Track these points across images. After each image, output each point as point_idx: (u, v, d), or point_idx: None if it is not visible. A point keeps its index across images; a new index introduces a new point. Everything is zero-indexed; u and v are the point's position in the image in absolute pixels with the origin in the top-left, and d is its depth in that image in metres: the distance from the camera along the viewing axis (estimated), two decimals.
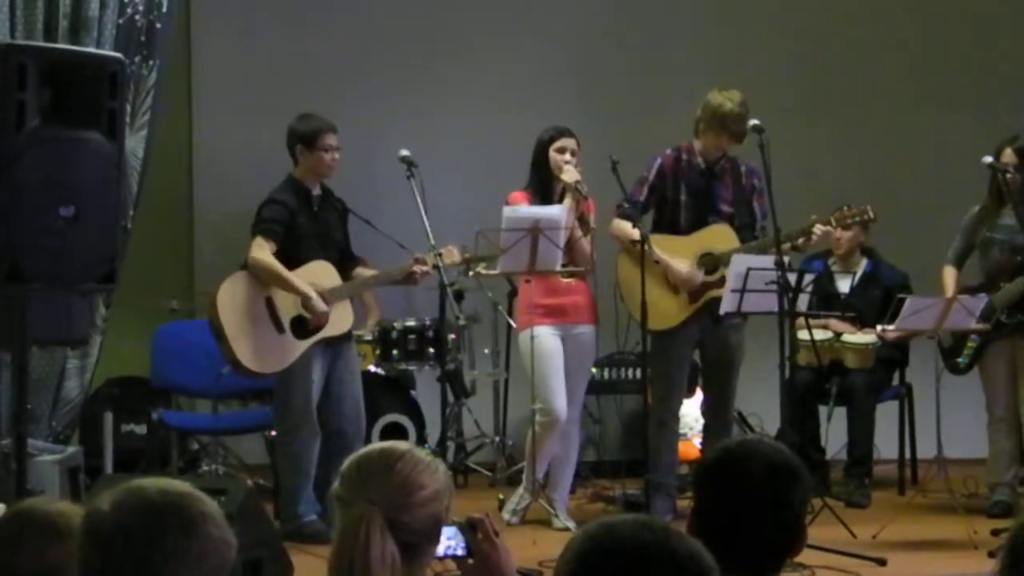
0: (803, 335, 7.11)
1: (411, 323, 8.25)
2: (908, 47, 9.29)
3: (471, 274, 6.98)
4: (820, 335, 7.57)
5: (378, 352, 8.26)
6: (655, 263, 6.83)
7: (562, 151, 6.85)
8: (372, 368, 8.22)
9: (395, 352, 8.22)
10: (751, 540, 2.63)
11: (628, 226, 6.85)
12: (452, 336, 8.12)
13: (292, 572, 5.46)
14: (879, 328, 7.06)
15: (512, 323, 7.50)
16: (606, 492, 7.65)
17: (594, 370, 7.51)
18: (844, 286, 7.92)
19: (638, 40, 9.23)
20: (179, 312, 8.15)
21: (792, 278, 6.46)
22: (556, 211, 6.70)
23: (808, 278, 6.60)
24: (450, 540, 2.73)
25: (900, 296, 6.69)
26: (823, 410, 7.75)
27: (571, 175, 6.76)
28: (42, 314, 5.06)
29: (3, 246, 4.77)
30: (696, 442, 7.75)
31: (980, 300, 6.68)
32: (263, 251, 6.64)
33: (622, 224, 6.91)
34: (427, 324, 8.21)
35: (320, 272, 6.74)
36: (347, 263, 6.92)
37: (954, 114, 9.07)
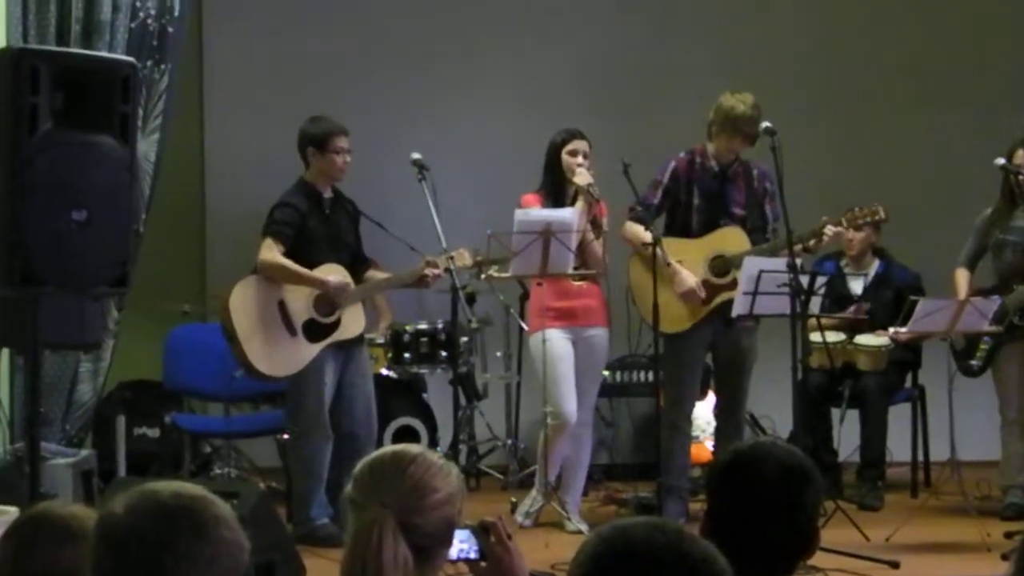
0: (815, 337, 7.10)
1: (423, 326, 8.25)
2: (919, 49, 9.26)
3: (483, 277, 6.98)
4: (832, 337, 7.56)
5: (390, 355, 8.27)
6: (667, 266, 6.83)
7: (574, 154, 6.85)
8: (384, 371, 8.22)
9: (407, 355, 8.23)
10: (764, 542, 2.63)
11: (640, 229, 6.85)
12: (464, 339, 8.13)
13: (304, 575, 5.46)
14: (891, 331, 7.04)
15: (524, 326, 7.49)
16: (618, 495, 7.66)
17: (606, 373, 7.50)
18: (857, 287, 7.90)
19: (651, 42, 9.23)
20: (191, 315, 8.17)
21: (804, 280, 6.45)
22: (568, 214, 6.69)
23: (820, 280, 6.59)
24: (463, 543, 2.72)
25: (913, 298, 6.67)
26: (835, 412, 7.75)
27: (583, 178, 6.75)
28: (55, 318, 5.06)
29: (16, 250, 4.78)
30: (708, 445, 7.74)
31: (993, 302, 6.66)
32: (272, 252, 6.63)
33: (634, 227, 6.91)
34: (439, 327, 8.21)
35: (332, 275, 6.73)
36: (359, 266, 6.91)
37: (967, 115, 9.04)
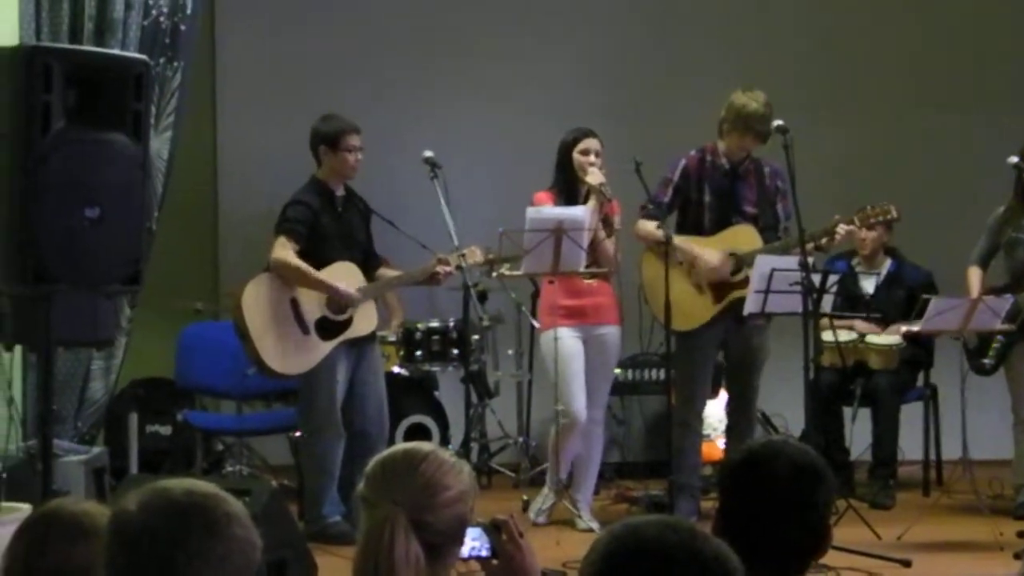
0: (827, 336, 7.08)
1: (435, 324, 8.26)
2: (933, 48, 9.25)
3: (495, 275, 6.98)
4: (844, 336, 7.55)
5: (402, 353, 8.27)
6: (679, 264, 6.83)
7: (586, 153, 6.84)
8: (396, 369, 8.23)
9: (419, 353, 8.24)
10: (776, 541, 2.63)
11: (653, 226, 6.84)
12: (476, 337, 8.14)
13: (316, 573, 5.46)
14: (903, 329, 7.03)
15: (535, 324, 7.49)
16: (630, 493, 7.66)
17: (618, 371, 7.50)
18: (869, 286, 7.89)
19: (662, 40, 9.22)
20: (204, 313, 8.18)
21: (816, 279, 6.44)
22: (580, 212, 6.69)
23: (832, 279, 6.57)
24: (475, 541, 2.72)
25: (925, 296, 6.66)
26: (847, 411, 7.74)
27: (596, 177, 6.75)
28: (67, 315, 5.06)
29: (29, 247, 4.79)
30: (720, 443, 7.73)
31: (1006, 301, 6.65)
32: (285, 250, 6.64)
33: (647, 224, 6.90)
34: (451, 325, 8.23)
35: (344, 273, 6.73)
36: (370, 264, 6.91)
37: (978, 114, 9.03)
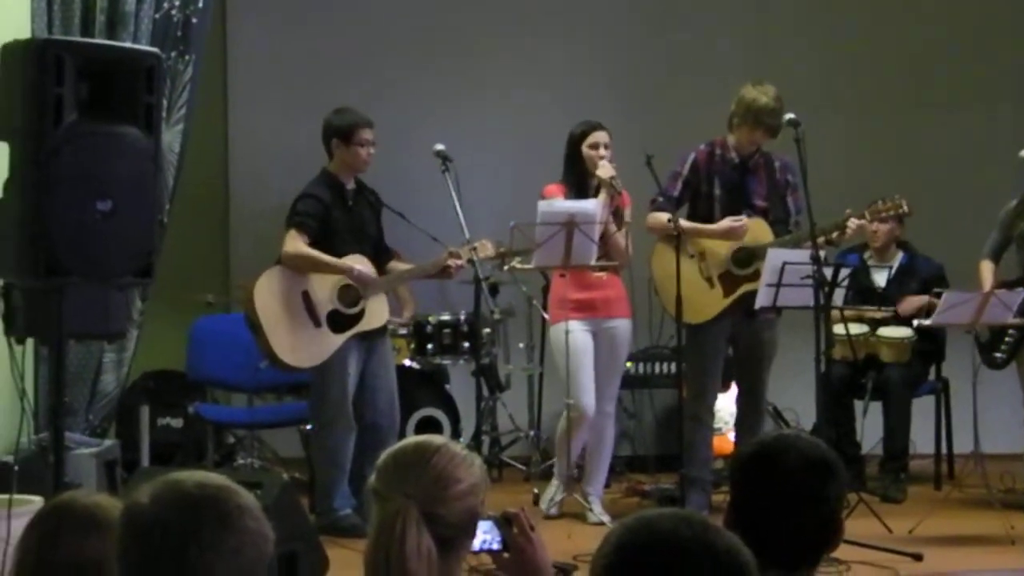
0: (839, 329, 7.07)
1: (446, 317, 8.26)
2: (945, 43, 9.22)
3: (506, 268, 6.98)
4: (856, 329, 7.54)
5: (413, 346, 8.28)
6: (691, 257, 6.82)
7: (595, 147, 6.84)
8: (407, 362, 8.23)
9: (430, 346, 8.24)
10: (788, 535, 2.63)
11: (664, 217, 6.83)
12: (487, 330, 8.13)
13: (328, 565, 5.47)
14: (915, 323, 7.02)
15: (546, 317, 7.49)
16: (641, 487, 7.66)
17: (628, 364, 7.49)
18: (880, 280, 7.88)
19: (672, 33, 9.20)
20: (215, 306, 8.19)
21: (828, 272, 6.43)
22: (591, 205, 6.69)
23: (844, 272, 6.57)
24: (486, 534, 2.73)
25: (937, 290, 6.66)
26: (859, 405, 7.72)
27: (606, 171, 6.74)
28: (79, 308, 5.05)
29: (41, 240, 4.78)
30: (730, 436, 7.72)
31: (1018, 294, 6.63)
32: (297, 243, 6.65)
33: (658, 216, 6.89)
34: (462, 318, 8.22)
35: (357, 264, 6.74)
36: (381, 257, 6.92)
37: (989, 108, 9.01)
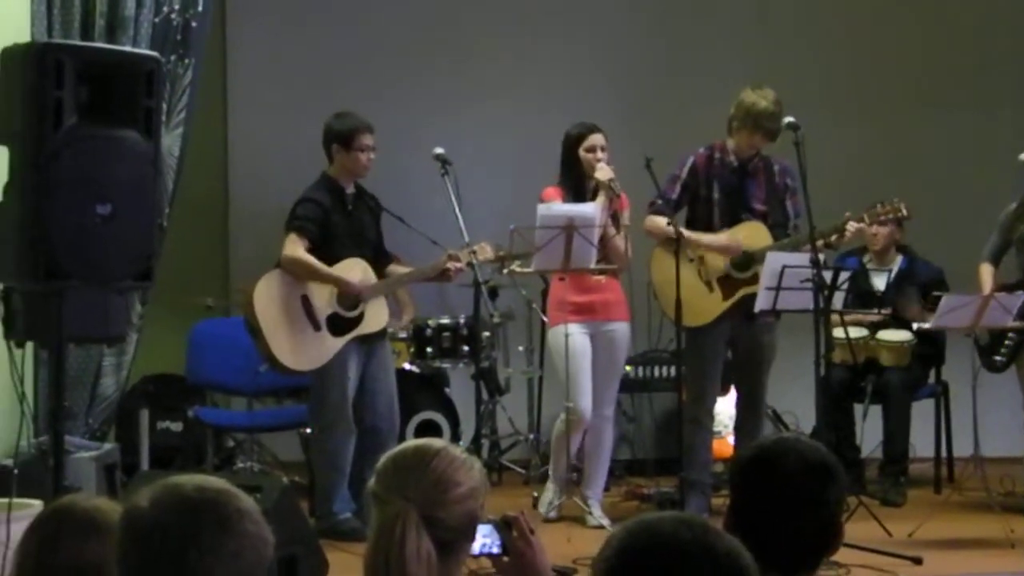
0: (838, 333, 7.07)
1: (445, 320, 8.26)
2: (943, 46, 9.23)
3: (505, 271, 6.98)
4: (855, 333, 7.53)
5: (412, 350, 8.27)
6: (690, 261, 6.82)
7: (592, 149, 6.84)
8: (406, 366, 8.23)
9: (429, 349, 8.23)
10: (787, 538, 2.63)
11: (663, 222, 6.83)
12: (486, 333, 8.13)
13: (327, 569, 5.47)
14: (915, 326, 7.02)
15: (546, 320, 7.49)
16: (640, 490, 7.65)
17: (628, 368, 7.50)
18: (880, 283, 7.87)
19: (671, 37, 9.21)
20: (215, 309, 8.18)
21: (827, 276, 6.43)
22: (590, 209, 6.69)
23: (844, 276, 6.57)
24: (486, 538, 2.73)
25: (936, 294, 6.65)
26: (858, 408, 7.72)
27: (604, 173, 6.75)
28: (79, 311, 5.05)
29: (40, 244, 4.78)
30: (730, 440, 7.72)
31: (1017, 298, 6.63)
32: (296, 247, 6.65)
33: (656, 220, 6.90)
34: (461, 322, 8.22)
35: (355, 270, 6.73)
36: (381, 261, 6.92)
37: (989, 111, 9.02)
